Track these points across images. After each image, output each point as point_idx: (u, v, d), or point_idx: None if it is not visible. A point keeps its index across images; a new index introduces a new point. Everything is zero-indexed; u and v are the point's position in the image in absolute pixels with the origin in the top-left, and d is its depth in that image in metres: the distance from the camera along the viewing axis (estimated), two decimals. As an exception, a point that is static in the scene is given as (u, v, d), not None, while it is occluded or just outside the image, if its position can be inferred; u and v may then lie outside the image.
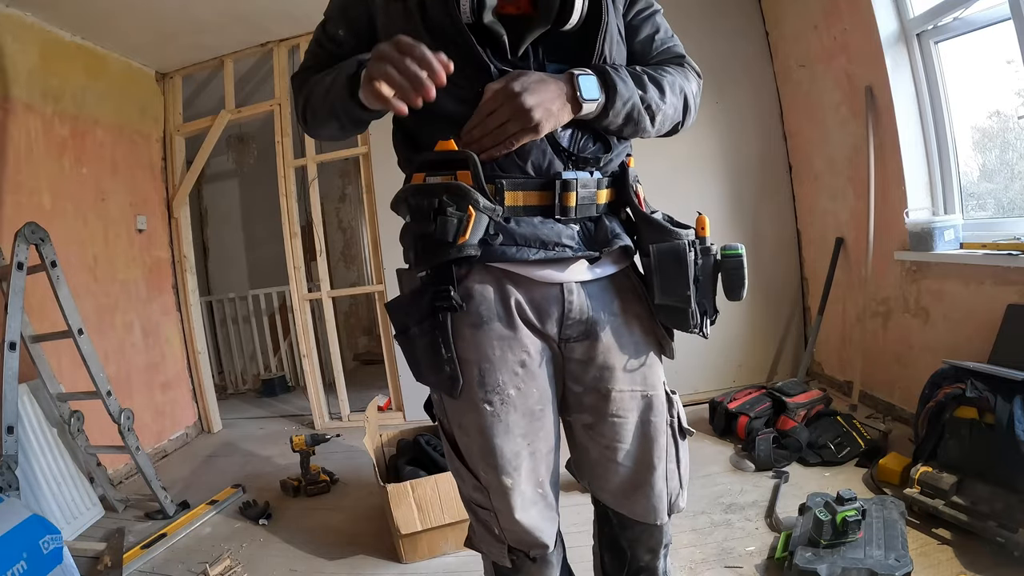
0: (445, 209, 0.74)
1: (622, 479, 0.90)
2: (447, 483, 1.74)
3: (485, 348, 0.82)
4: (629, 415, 0.89)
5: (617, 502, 0.93)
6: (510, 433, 0.83)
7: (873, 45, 2.24)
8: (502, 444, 0.83)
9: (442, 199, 0.74)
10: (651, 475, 0.90)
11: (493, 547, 0.90)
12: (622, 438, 0.89)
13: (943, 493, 1.58)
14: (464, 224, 0.74)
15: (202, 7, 2.69)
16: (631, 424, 0.89)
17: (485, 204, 0.75)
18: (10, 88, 2.39)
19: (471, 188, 0.74)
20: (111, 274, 2.87)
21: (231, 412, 3.79)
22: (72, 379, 2.34)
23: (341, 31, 0.91)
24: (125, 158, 3.05)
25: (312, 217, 3.29)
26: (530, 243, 0.80)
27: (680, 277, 0.83)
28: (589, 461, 0.93)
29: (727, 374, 3.02)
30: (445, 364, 0.80)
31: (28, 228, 1.99)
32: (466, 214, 0.74)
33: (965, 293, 2.02)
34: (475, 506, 0.90)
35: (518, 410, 0.84)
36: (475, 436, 0.84)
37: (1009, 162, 2.11)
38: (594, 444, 0.91)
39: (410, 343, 0.84)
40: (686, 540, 1.72)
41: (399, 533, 1.72)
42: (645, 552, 0.95)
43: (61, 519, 2.10)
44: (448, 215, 0.74)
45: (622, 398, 0.88)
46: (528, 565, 0.90)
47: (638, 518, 0.92)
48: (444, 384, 0.83)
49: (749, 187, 3.04)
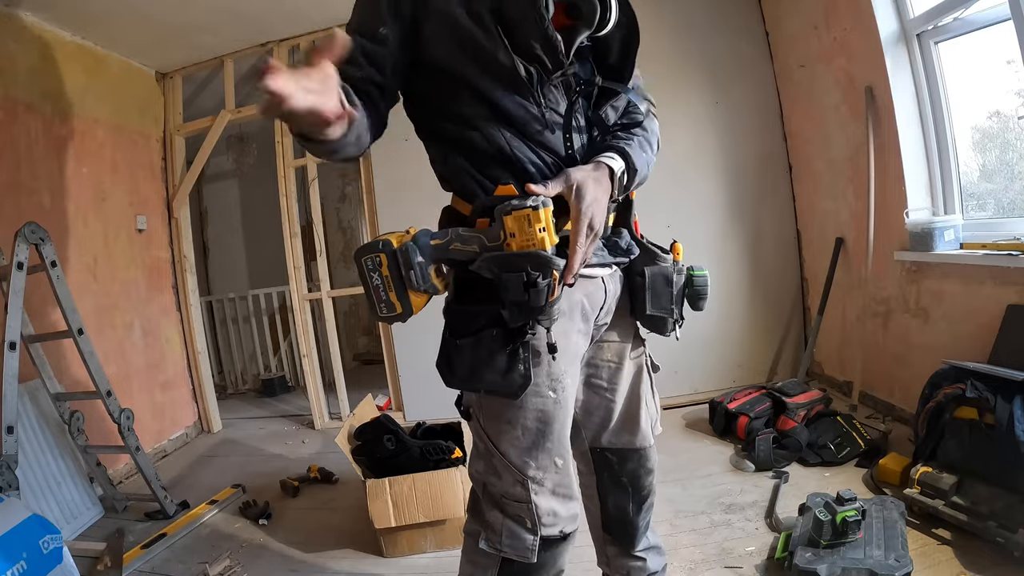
0: (536, 282, 0.79)
1: (619, 416, 1.08)
2: (424, 482, 1.78)
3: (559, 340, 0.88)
4: (622, 361, 1.06)
5: (616, 438, 1.09)
6: (566, 418, 0.94)
7: (873, 45, 2.24)
8: (561, 430, 0.93)
9: (529, 272, 0.79)
10: (639, 406, 1.08)
11: (521, 542, 0.93)
12: (617, 381, 1.06)
13: (943, 493, 1.58)
14: (553, 287, 0.80)
15: (202, 7, 2.69)
16: (624, 369, 1.07)
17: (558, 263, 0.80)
18: (10, 88, 2.39)
19: (551, 257, 0.79)
20: (111, 274, 2.87)
21: (231, 412, 3.79)
22: (72, 379, 2.34)
23: (384, 28, 0.85)
24: (125, 158, 3.05)
25: (312, 217, 3.29)
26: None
27: (667, 294, 1.02)
28: (591, 411, 1.08)
29: (727, 374, 3.02)
30: (520, 364, 0.85)
31: (28, 228, 1.99)
32: (551, 279, 0.79)
33: (965, 293, 2.02)
34: (509, 501, 0.93)
35: (571, 395, 0.96)
36: (533, 426, 0.91)
37: (1009, 162, 2.12)
38: (593, 392, 1.07)
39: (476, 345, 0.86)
40: (686, 540, 1.72)
41: (375, 527, 1.77)
42: (645, 475, 1.11)
43: (61, 519, 2.10)
44: (539, 287, 0.79)
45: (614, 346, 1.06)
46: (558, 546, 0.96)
47: (635, 445, 1.09)
48: (512, 385, 0.86)
49: (749, 187, 3.03)
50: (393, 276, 0.81)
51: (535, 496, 0.91)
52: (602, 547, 1.20)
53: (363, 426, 2.08)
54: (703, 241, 2.99)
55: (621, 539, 1.15)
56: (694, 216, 3.00)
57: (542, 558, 0.94)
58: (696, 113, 3.00)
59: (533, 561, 0.93)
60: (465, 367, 0.88)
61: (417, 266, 0.81)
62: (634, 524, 1.13)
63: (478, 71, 0.85)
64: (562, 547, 0.97)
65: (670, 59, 2.95)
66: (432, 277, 0.83)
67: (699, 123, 3.00)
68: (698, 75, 3.01)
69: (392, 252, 0.81)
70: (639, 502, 1.12)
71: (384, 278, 0.82)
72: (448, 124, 0.90)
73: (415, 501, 1.76)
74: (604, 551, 1.19)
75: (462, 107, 0.88)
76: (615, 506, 1.12)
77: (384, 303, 0.83)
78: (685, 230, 2.98)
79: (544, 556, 0.94)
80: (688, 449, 2.39)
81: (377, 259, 0.81)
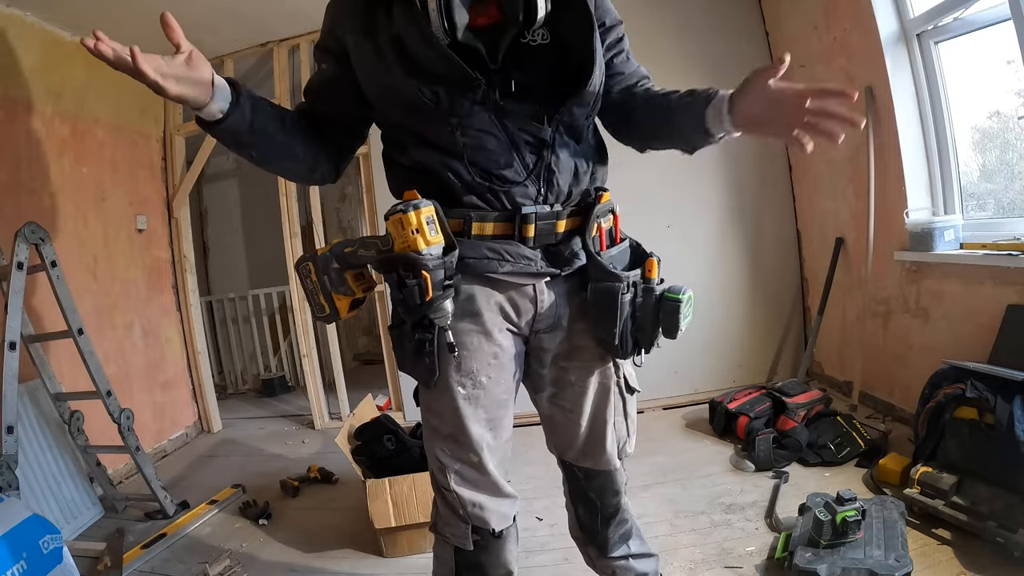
0: (405, 281, 0.84)
1: (583, 438, 1.06)
2: (424, 482, 1.77)
3: (465, 338, 0.94)
4: (587, 383, 1.03)
5: (580, 458, 1.08)
6: (478, 417, 0.95)
7: (873, 45, 2.24)
8: (470, 425, 0.94)
9: (399, 272, 0.85)
10: (604, 430, 1.05)
11: (458, 529, 0.99)
12: (583, 403, 1.04)
13: (943, 493, 1.58)
14: (424, 287, 0.84)
15: (202, 7, 2.69)
16: (589, 392, 1.03)
17: (435, 262, 0.84)
18: (10, 88, 2.39)
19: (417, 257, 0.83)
20: (111, 274, 2.87)
21: (231, 412, 3.79)
22: (72, 379, 2.34)
23: (325, 64, 0.99)
24: (125, 158, 3.05)
25: (312, 217, 3.29)
26: (502, 258, 0.91)
27: (610, 315, 0.94)
28: (555, 427, 1.09)
29: (727, 374, 3.02)
30: (426, 356, 0.91)
31: (28, 228, 1.99)
32: (422, 279, 0.84)
33: (965, 293, 2.02)
34: (442, 488, 0.99)
35: (487, 396, 0.96)
36: (448, 417, 0.95)
37: (1009, 162, 2.12)
38: (558, 411, 1.06)
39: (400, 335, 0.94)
40: (686, 540, 1.72)
41: (374, 527, 1.77)
42: (611, 495, 1.11)
43: (61, 519, 2.10)
44: (408, 285, 0.84)
45: (579, 368, 1.02)
46: (491, 542, 1.00)
47: (600, 467, 1.07)
48: (422, 374, 0.94)
49: (749, 187, 3.03)
50: (319, 281, 0.92)
51: (455, 485, 0.96)
52: (583, 547, 1.21)
53: (363, 426, 2.08)
54: (703, 241, 2.99)
55: (595, 544, 1.16)
56: (694, 216, 3.00)
57: (482, 552, 0.99)
58: (696, 113, 3.00)
59: (469, 548, 0.98)
60: (396, 353, 0.97)
61: (332, 272, 0.91)
62: (603, 535, 1.14)
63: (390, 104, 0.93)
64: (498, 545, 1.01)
65: (670, 60, 2.95)
66: (349, 281, 0.92)
67: (699, 123, 2.99)
68: (698, 76, 3.00)
69: (316, 260, 0.92)
70: (606, 518, 1.12)
71: (313, 283, 0.93)
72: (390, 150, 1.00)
73: (415, 501, 1.76)
74: (586, 551, 1.21)
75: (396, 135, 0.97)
76: (584, 516, 1.14)
77: (316, 305, 0.95)
78: (685, 230, 2.99)
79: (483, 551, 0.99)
80: (688, 449, 2.39)
81: (307, 267, 0.93)
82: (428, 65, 0.86)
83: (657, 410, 2.87)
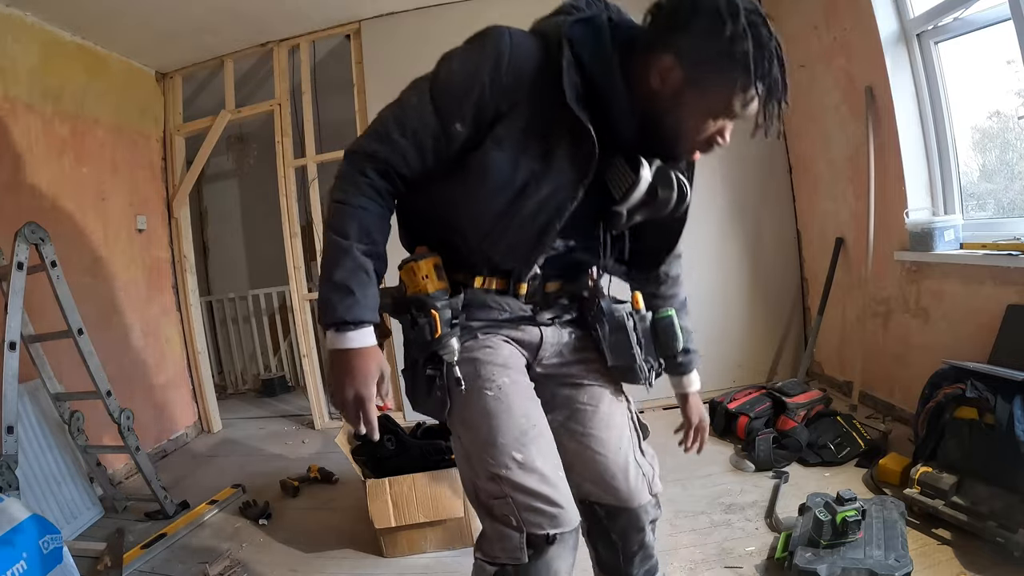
0: (417, 320, 0.92)
1: (601, 467, 1.02)
2: (424, 482, 1.77)
3: (476, 354, 0.98)
4: (598, 404, 1.04)
5: (600, 491, 1.03)
6: (512, 411, 0.93)
7: (873, 45, 2.24)
8: (505, 420, 0.93)
9: (412, 312, 0.93)
10: (624, 460, 1.02)
11: (510, 542, 0.90)
12: (594, 427, 1.02)
13: (943, 493, 1.58)
14: (433, 324, 0.92)
15: (202, 7, 2.69)
16: (600, 414, 1.03)
17: (443, 302, 0.93)
18: (10, 88, 2.39)
19: (427, 296, 0.92)
20: (111, 274, 2.87)
21: (231, 412, 3.79)
22: (72, 379, 2.34)
23: (459, 125, 0.87)
24: (125, 158, 3.05)
25: (312, 217, 3.29)
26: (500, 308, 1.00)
27: (626, 343, 1.02)
28: (569, 457, 1.02)
29: (727, 374, 3.02)
30: (437, 390, 0.95)
31: (28, 228, 1.99)
32: (431, 317, 0.92)
33: (965, 293, 2.02)
34: (492, 500, 0.91)
35: (515, 393, 0.96)
36: (481, 423, 0.93)
37: (1009, 162, 2.12)
38: (570, 437, 1.03)
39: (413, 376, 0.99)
40: (686, 540, 1.72)
41: (374, 527, 1.77)
42: (635, 533, 1.04)
43: (61, 519, 2.10)
44: (419, 324, 0.92)
45: (589, 389, 1.05)
46: (544, 551, 0.90)
47: (622, 503, 1.01)
48: (434, 409, 0.97)
49: (749, 187, 3.03)
50: None
51: (508, 489, 0.90)
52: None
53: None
54: (703, 241, 2.99)
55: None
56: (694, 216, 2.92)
57: (534, 564, 0.90)
58: (696, 113, 3.00)
59: (524, 561, 0.89)
60: (410, 395, 1.01)
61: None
62: (626, 572, 1.08)
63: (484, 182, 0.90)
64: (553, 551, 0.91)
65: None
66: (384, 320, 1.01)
67: (699, 123, 2.99)
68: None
69: None
70: (629, 556, 1.07)
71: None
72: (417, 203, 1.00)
73: (415, 501, 1.76)
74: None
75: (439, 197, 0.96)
76: (606, 556, 1.09)
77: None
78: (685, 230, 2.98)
79: (536, 561, 0.90)
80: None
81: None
82: (569, 175, 0.88)
83: (657, 410, 2.86)
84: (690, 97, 0.83)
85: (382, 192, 0.91)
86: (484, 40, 0.87)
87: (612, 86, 0.85)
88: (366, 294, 0.85)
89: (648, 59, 0.84)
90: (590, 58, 0.85)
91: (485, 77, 0.84)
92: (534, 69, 0.85)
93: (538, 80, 0.85)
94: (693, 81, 0.82)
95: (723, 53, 0.79)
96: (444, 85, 0.88)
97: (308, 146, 3.24)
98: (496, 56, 0.85)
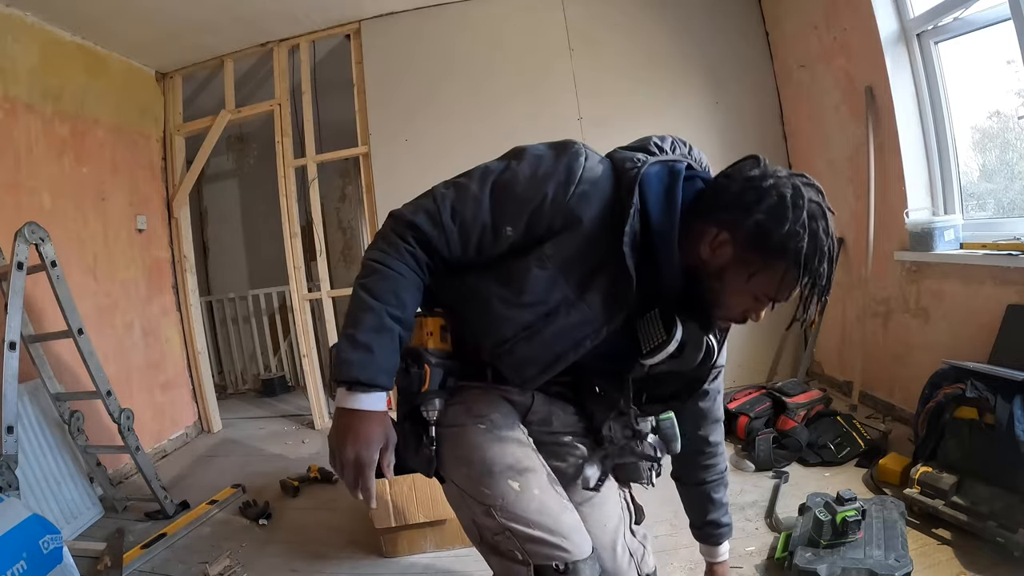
0: (409, 370, 0.93)
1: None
2: (424, 482, 1.77)
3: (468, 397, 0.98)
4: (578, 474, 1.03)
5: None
6: (505, 441, 0.94)
7: (873, 45, 2.24)
8: (497, 450, 0.92)
9: (407, 361, 0.92)
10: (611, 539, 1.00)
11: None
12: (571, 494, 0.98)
13: (943, 493, 1.58)
14: (423, 377, 0.92)
15: (202, 7, 2.69)
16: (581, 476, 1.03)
17: (437, 360, 0.94)
18: (10, 88, 2.39)
19: (424, 350, 0.93)
20: (111, 274, 2.87)
21: (231, 412, 3.79)
22: (72, 379, 2.34)
23: (510, 229, 0.86)
24: (125, 158, 3.05)
25: (312, 217, 3.29)
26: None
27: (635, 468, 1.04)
28: None
29: (727, 374, 2.96)
30: (424, 448, 0.93)
31: (28, 228, 1.99)
32: (423, 370, 0.92)
33: (965, 293, 2.02)
34: (493, 536, 0.89)
35: (506, 427, 0.96)
36: (474, 457, 0.92)
37: (1009, 162, 2.11)
38: None
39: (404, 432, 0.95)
40: (686, 540, 1.72)
41: (374, 527, 1.78)
42: None
43: (61, 519, 2.10)
44: (411, 374, 0.93)
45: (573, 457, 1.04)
46: None
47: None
48: (422, 465, 0.96)
49: (749, 187, 3.03)
50: None
51: (507, 522, 0.87)
52: None
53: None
54: (703, 241, 2.98)
55: None
56: None
57: None
58: (696, 114, 3.00)
59: None
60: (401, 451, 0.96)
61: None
62: None
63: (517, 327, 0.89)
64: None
65: (671, 60, 2.95)
66: None
67: (699, 123, 3.00)
68: (698, 76, 3.01)
69: None
70: None
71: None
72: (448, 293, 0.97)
73: (415, 501, 1.76)
74: None
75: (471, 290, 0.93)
76: None
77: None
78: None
79: None
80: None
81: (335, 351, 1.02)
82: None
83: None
84: (734, 276, 0.83)
85: (421, 263, 0.88)
86: (561, 151, 0.86)
87: (668, 242, 0.84)
88: (387, 359, 0.83)
89: (706, 227, 0.84)
90: (655, 209, 0.84)
91: (550, 190, 0.83)
92: (600, 201, 0.84)
93: (601, 213, 0.84)
94: (742, 262, 0.82)
95: (777, 245, 0.79)
96: (508, 185, 0.86)
97: (308, 146, 3.24)
98: (568, 172, 0.84)
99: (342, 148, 3.25)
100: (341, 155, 3.31)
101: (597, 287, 0.86)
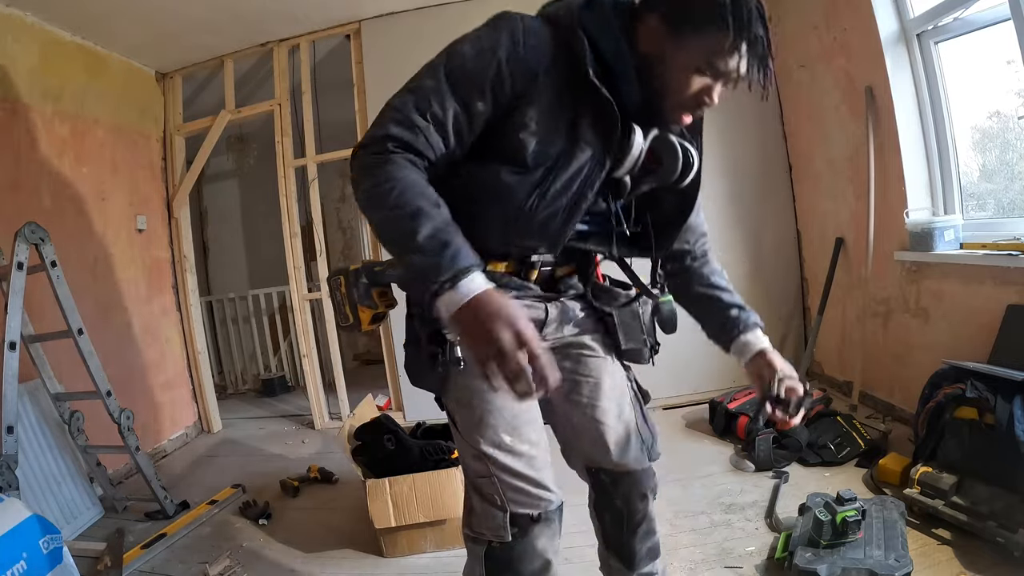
0: None
1: (604, 436, 1.08)
2: (424, 482, 1.78)
3: None
4: (600, 376, 1.08)
5: (606, 458, 1.09)
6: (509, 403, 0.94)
7: (873, 45, 2.24)
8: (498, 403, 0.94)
9: None
10: (626, 428, 1.09)
11: (495, 520, 0.96)
12: (596, 398, 1.08)
13: (943, 493, 1.58)
14: None
15: (202, 7, 2.69)
16: (603, 386, 1.08)
17: None
18: (10, 88, 2.39)
19: None
20: (111, 274, 2.87)
21: (231, 412, 3.79)
22: (72, 379, 2.34)
23: (480, 104, 0.85)
24: (125, 158, 3.05)
25: (312, 217, 3.29)
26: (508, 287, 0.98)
27: (636, 327, 1.10)
28: (576, 431, 1.11)
29: (727, 374, 3.01)
30: (439, 367, 0.92)
31: (28, 228, 1.99)
32: None
33: (965, 293, 2.02)
34: (479, 478, 0.97)
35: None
36: (476, 403, 0.95)
37: (1009, 162, 2.12)
38: (574, 408, 1.09)
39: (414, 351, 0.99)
40: (686, 540, 1.72)
41: (374, 527, 1.78)
42: (638, 500, 1.11)
43: (61, 519, 2.10)
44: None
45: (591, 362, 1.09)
46: (530, 529, 0.95)
47: (625, 467, 1.09)
48: (434, 384, 0.99)
49: (749, 187, 3.03)
50: (348, 294, 1.02)
51: (494, 469, 0.94)
52: (605, 560, 1.19)
53: (363, 426, 2.08)
54: (703, 241, 2.98)
55: (621, 558, 1.15)
56: None
57: (519, 542, 0.95)
58: (696, 113, 3.00)
59: (507, 539, 0.94)
60: (410, 367, 1.03)
61: (361, 286, 1.01)
62: (630, 547, 1.13)
63: (516, 159, 0.89)
64: (537, 530, 0.95)
65: (670, 59, 2.95)
66: (374, 296, 1.02)
67: (699, 123, 3.00)
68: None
69: (347, 275, 1.02)
70: (632, 527, 1.12)
71: (342, 295, 1.03)
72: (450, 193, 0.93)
73: (415, 501, 1.77)
74: (607, 563, 1.19)
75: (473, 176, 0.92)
76: (611, 525, 1.14)
77: (341, 315, 1.05)
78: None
79: (520, 539, 0.95)
80: (688, 449, 2.39)
81: (338, 280, 1.03)
82: (592, 145, 0.89)
83: (657, 410, 2.87)
84: (672, 52, 0.85)
85: (416, 164, 0.84)
86: (496, 22, 0.88)
87: (619, 58, 0.87)
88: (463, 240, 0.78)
89: (639, 24, 0.88)
90: (601, 36, 0.87)
91: (501, 53, 0.84)
92: (549, 52, 0.86)
93: (555, 60, 0.86)
94: (675, 37, 0.84)
95: (703, 9, 0.81)
96: (460, 67, 0.85)
97: (308, 146, 3.23)
98: (510, 34, 0.85)
99: (342, 148, 3.25)
100: (341, 155, 3.31)
101: (584, 127, 0.88)
